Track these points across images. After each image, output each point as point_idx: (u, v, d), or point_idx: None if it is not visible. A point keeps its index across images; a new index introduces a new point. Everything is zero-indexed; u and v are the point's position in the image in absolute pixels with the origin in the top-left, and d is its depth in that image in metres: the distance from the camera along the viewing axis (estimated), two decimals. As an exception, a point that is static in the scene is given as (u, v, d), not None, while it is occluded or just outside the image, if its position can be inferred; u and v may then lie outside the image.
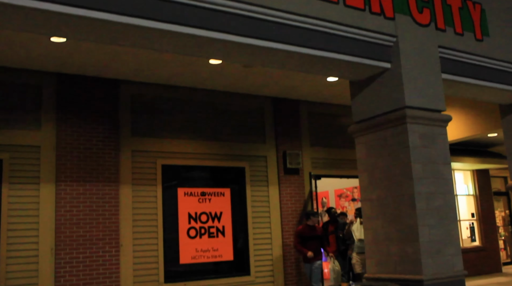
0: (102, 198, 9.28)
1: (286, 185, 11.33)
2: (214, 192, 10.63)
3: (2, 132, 8.79)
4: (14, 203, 8.71)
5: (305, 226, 10.08)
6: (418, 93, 7.80)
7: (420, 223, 7.37)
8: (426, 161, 7.68)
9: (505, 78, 9.33)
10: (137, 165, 9.84)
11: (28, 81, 9.14)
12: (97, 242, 9.10)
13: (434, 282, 7.25)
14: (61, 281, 8.73)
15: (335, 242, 10.89)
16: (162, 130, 10.22)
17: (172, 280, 9.80)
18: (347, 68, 7.95)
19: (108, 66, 9.15)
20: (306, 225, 10.07)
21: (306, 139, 11.91)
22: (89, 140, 9.35)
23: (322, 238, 10.18)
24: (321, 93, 11.41)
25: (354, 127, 8.48)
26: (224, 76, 9.97)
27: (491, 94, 9.85)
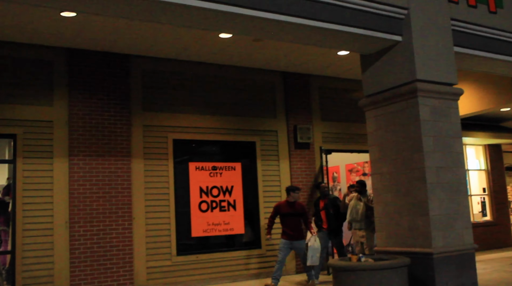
0: (114, 172, 9.38)
1: (297, 160, 11.37)
2: (225, 167, 10.70)
3: (15, 108, 8.88)
4: (28, 177, 8.84)
5: (285, 202, 9.49)
6: (429, 66, 7.75)
7: (430, 196, 7.40)
8: (437, 135, 7.67)
9: (519, 51, 9.23)
10: (149, 140, 9.92)
11: (40, 57, 9.19)
12: (110, 215, 9.23)
13: (443, 255, 7.30)
14: (76, 253, 8.89)
15: (327, 219, 10.14)
16: (173, 105, 10.26)
17: (184, 252, 9.95)
18: (358, 41, 7.91)
19: (119, 41, 9.16)
20: (286, 201, 9.45)
21: (317, 113, 11.90)
22: (100, 115, 9.42)
23: (303, 216, 9.46)
24: (332, 67, 11.35)
25: (365, 100, 8.47)
26: (234, 50, 9.94)
27: (504, 68, 9.75)
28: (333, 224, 10.06)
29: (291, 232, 9.22)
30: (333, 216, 10.09)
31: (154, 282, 9.52)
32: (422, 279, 7.28)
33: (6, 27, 8.28)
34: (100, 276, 9.00)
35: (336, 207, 10.22)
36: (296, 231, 9.28)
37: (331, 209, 10.12)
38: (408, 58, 7.73)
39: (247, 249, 10.51)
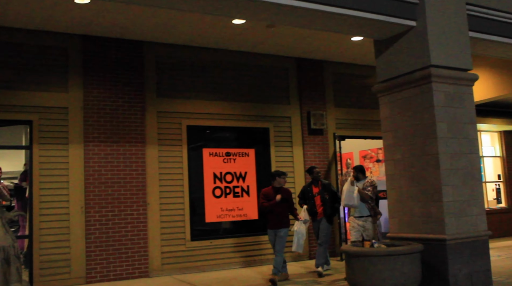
0: (129, 158, 9.47)
1: (311, 146, 11.38)
2: (239, 153, 10.74)
3: (30, 94, 8.97)
4: (44, 163, 8.95)
5: (271, 188, 8.91)
6: (443, 51, 7.69)
7: (444, 183, 7.38)
8: (451, 120, 7.63)
9: (536, 37, 9.09)
10: (163, 126, 9.98)
11: (55, 43, 9.26)
12: (125, 200, 9.33)
13: (457, 241, 7.29)
14: (91, 238, 9.02)
15: (321, 205, 9.40)
16: (186, 91, 10.29)
17: (198, 238, 10.04)
18: (372, 26, 7.86)
19: (133, 28, 9.19)
20: (272, 187, 8.89)
21: (331, 99, 11.87)
22: (115, 101, 9.48)
23: (289, 202, 8.93)
24: (345, 54, 11.29)
25: (378, 86, 8.43)
26: (247, 36, 9.92)
27: (521, 53, 9.63)
28: (329, 210, 9.39)
29: (276, 220, 8.68)
30: (329, 202, 9.43)
31: (169, 267, 9.63)
32: (435, 265, 7.29)
33: (21, 15, 8.35)
34: (116, 260, 9.12)
35: (331, 193, 9.53)
36: (283, 218, 8.75)
37: (326, 194, 9.46)
38: (422, 43, 7.68)
39: (260, 234, 10.57)
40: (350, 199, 8.78)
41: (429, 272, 7.31)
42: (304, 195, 9.66)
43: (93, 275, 8.94)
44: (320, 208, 9.37)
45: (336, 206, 9.58)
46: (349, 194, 8.78)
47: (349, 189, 8.79)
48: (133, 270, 9.23)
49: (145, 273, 9.32)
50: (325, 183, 9.62)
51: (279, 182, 8.87)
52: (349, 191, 8.80)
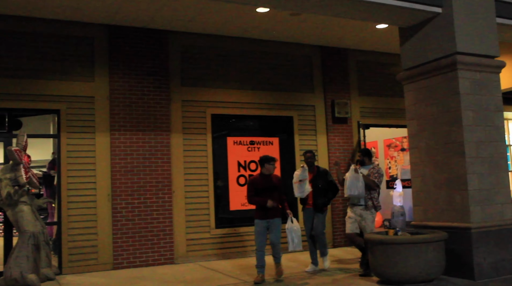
0: (154, 147, 9.58)
1: (334, 135, 11.35)
2: (263, 141, 10.78)
3: (58, 84, 9.12)
4: (72, 152, 9.12)
5: (259, 176, 7.93)
6: (470, 38, 7.61)
7: (469, 171, 7.33)
8: (477, 108, 7.57)
9: None
10: (188, 115, 10.06)
11: (81, 34, 9.38)
12: (151, 188, 9.46)
13: (482, 230, 7.25)
14: (118, 225, 9.18)
15: (313, 194, 8.43)
16: (211, 80, 10.35)
17: (222, 225, 10.14)
18: (397, 13, 7.81)
19: (158, 17, 9.25)
20: (261, 174, 7.91)
21: (355, 88, 11.81)
22: (140, 90, 9.59)
23: (280, 190, 7.94)
24: (370, 42, 11.21)
25: (403, 74, 8.39)
26: (272, 24, 9.91)
27: (550, 39, 9.46)
28: (319, 200, 8.39)
29: (268, 210, 7.68)
30: (321, 192, 8.43)
31: (194, 254, 9.75)
32: (459, 253, 7.26)
33: (49, 6, 8.47)
34: (142, 247, 9.27)
35: (327, 182, 8.50)
36: (276, 206, 7.80)
37: (321, 182, 8.45)
38: (448, 30, 7.60)
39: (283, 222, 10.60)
40: (354, 187, 7.79)
41: (454, 260, 7.29)
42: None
43: (120, 261, 9.11)
44: (311, 198, 8.46)
45: (329, 196, 8.53)
46: (352, 182, 7.79)
47: (353, 177, 7.82)
48: (158, 256, 9.38)
49: (170, 259, 9.46)
50: (321, 170, 8.67)
51: (268, 169, 7.84)
52: (353, 178, 7.81)
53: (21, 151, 8.22)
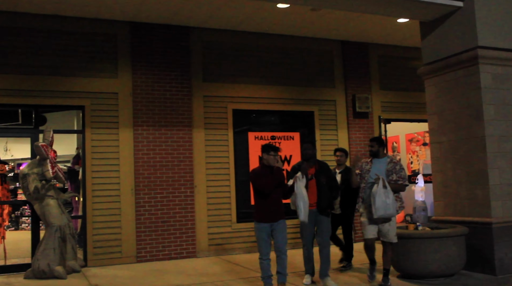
0: (176, 142, 9.72)
1: (356, 129, 11.36)
2: (284, 136, 10.84)
3: (82, 80, 9.30)
4: (96, 147, 9.30)
5: (260, 167, 6.67)
6: (491, 32, 7.57)
7: (491, 166, 7.32)
8: (499, 103, 7.53)
9: None
10: (209, 110, 10.17)
11: (104, 31, 9.54)
12: (173, 183, 9.61)
13: (503, 225, 7.24)
14: (141, 219, 9.34)
15: (318, 192, 7.03)
16: (232, 76, 10.44)
17: (244, 220, 10.22)
18: (417, 8, 7.80)
19: (179, 14, 9.36)
20: (262, 166, 6.61)
21: (376, 82, 11.79)
22: (162, 86, 9.73)
23: (282, 186, 6.62)
24: (391, 36, 11.16)
25: (424, 68, 8.37)
26: (292, 20, 9.95)
27: None
28: (325, 201, 7.02)
29: (273, 209, 6.49)
30: (326, 189, 7.08)
31: (215, 248, 9.88)
32: (480, 248, 7.26)
33: (72, 4, 8.63)
34: (164, 241, 9.43)
35: (330, 178, 7.23)
36: (280, 207, 6.58)
37: (324, 178, 7.11)
38: (469, 24, 7.57)
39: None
40: (386, 206, 6.50)
41: (474, 255, 7.29)
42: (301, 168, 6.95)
43: (143, 254, 9.28)
44: (314, 197, 6.99)
45: (333, 195, 7.37)
46: (382, 200, 6.51)
47: (382, 194, 6.50)
48: (181, 250, 9.53)
49: (192, 253, 9.60)
50: (322, 163, 7.32)
51: (268, 160, 6.45)
52: (383, 196, 6.51)
53: (48, 146, 8.42)
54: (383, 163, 6.90)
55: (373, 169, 6.89)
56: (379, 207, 6.51)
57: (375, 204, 6.53)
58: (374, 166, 6.91)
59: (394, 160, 6.93)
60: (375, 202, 6.53)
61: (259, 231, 6.52)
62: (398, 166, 6.85)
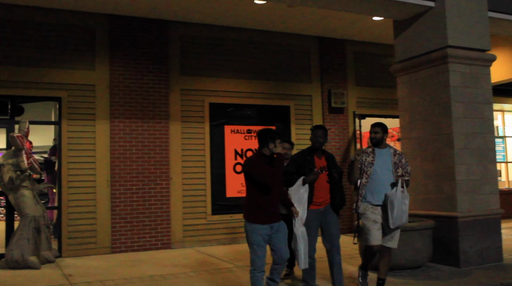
0: (153, 134, 9.80)
1: (331, 124, 11.53)
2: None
3: (59, 72, 9.31)
4: (72, 138, 9.33)
5: (257, 156, 5.37)
6: (461, 32, 7.78)
7: (458, 162, 7.54)
8: (467, 101, 7.75)
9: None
10: (186, 103, 10.26)
11: (83, 23, 9.55)
12: (149, 175, 9.69)
13: (468, 219, 7.47)
14: (116, 210, 9.41)
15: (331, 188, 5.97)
16: (210, 70, 10.53)
17: (218, 212, 10.37)
18: (390, 7, 7.98)
19: (158, 7, 9.41)
20: (261, 155, 5.31)
21: (352, 78, 11.98)
22: (140, 79, 9.78)
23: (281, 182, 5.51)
24: (367, 33, 11.34)
25: (396, 66, 8.57)
26: (269, 15, 10.06)
27: (543, 33, 9.60)
28: (340, 198, 5.99)
29: (272, 209, 5.32)
30: (340, 185, 6.08)
31: (190, 239, 10.00)
32: (446, 241, 7.49)
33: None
34: (139, 232, 9.52)
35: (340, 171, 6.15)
36: (277, 205, 5.43)
37: (335, 172, 6.01)
38: (440, 24, 7.77)
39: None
40: (403, 214, 5.70)
41: (440, 248, 7.52)
42: (301, 169, 5.90)
43: (118, 245, 9.37)
44: (323, 194, 5.95)
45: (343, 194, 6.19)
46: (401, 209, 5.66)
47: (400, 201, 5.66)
48: (156, 241, 9.63)
49: (167, 244, 9.71)
50: (330, 155, 6.21)
51: (271, 149, 5.24)
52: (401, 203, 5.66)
53: (23, 137, 8.44)
54: (387, 154, 5.92)
55: (377, 161, 5.84)
56: (398, 217, 5.66)
57: (393, 213, 5.64)
58: (378, 158, 5.84)
59: (398, 151, 5.99)
60: (394, 210, 5.64)
61: (255, 235, 5.20)
62: (404, 159, 5.95)
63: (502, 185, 14.48)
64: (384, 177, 5.86)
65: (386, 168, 5.84)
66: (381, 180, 5.83)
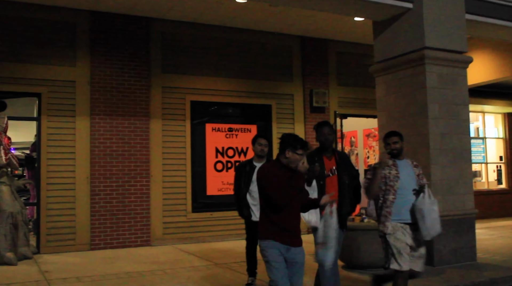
0: (133, 131, 9.79)
1: (312, 123, 11.53)
2: (241, 128, 11.01)
3: (39, 68, 9.28)
4: (52, 134, 9.30)
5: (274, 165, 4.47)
6: (438, 33, 7.86)
7: (433, 162, 7.63)
8: (443, 102, 7.84)
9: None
10: (167, 101, 10.27)
11: (64, 19, 9.53)
12: (129, 172, 9.69)
13: (443, 218, 7.47)
14: (96, 207, 9.40)
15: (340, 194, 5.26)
16: (191, 68, 10.54)
17: (199, 210, 10.39)
18: (369, 8, 8.04)
19: (140, 4, 9.40)
20: (277, 164, 4.44)
21: (334, 78, 12.05)
22: (121, 76, 9.78)
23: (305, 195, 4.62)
24: (349, 33, 11.41)
25: (375, 66, 8.64)
26: (252, 14, 10.09)
27: (521, 36, 9.73)
28: (347, 206, 5.32)
29: (290, 229, 4.36)
30: (350, 191, 5.38)
31: (170, 237, 10.02)
32: (421, 240, 7.55)
33: (30, -10, 8.62)
34: (119, 229, 9.51)
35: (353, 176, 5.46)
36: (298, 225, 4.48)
37: (346, 175, 5.35)
38: (418, 25, 7.85)
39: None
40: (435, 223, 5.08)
41: (415, 247, 7.58)
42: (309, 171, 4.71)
43: (97, 242, 9.36)
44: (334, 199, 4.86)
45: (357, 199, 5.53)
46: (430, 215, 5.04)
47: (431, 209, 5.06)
48: (135, 238, 9.63)
49: (147, 242, 9.72)
50: (342, 154, 5.63)
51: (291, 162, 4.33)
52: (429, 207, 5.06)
53: (1, 133, 8.40)
54: (408, 166, 5.35)
55: (401, 174, 5.22)
56: (431, 226, 5.02)
57: (426, 223, 5.00)
58: (402, 171, 5.24)
59: (414, 161, 5.52)
60: (425, 219, 5.00)
61: (270, 250, 4.32)
62: (421, 170, 5.49)
63: (482, 186, 14.66)
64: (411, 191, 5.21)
65: (411, 181, 5.22)
66: (409, 195, 5.17)
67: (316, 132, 5.43)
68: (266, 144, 6.47)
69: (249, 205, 6.47)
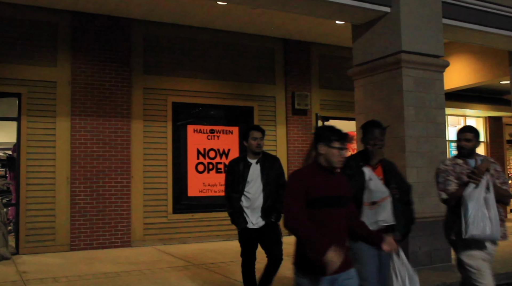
0: (114, 133, 9.80)
1: (294, 126, 11.67)
2: (223, 130, 11.05)
3: (20, 68, 9.27)
4: (32, 135, 9.29)
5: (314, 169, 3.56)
6: (415, 37, 7.96)
7: (409, 165, 7.72)
8: (420, 105, 7.93)
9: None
10: (149, 102, 10.29)
11: (45, 19, 9.52)
12: (110, 173, 9.70)
13: (418, 220, 7.53)
14: (76, 208, 9.40)
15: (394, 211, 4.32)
16: (173, 69, 10.57)
17: (180, 211, 10.42)
18: (347, 11, 8.12)
19: (121, 5, 9.42)
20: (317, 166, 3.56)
21: (316, 81, 12.13)
22: (102, 77, 9.78)
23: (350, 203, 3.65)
24: (331, 36, 11.50)
25: (354, 69, 8.73)
26: (234, 16, 10.14)
27: (498, 41, 9.88)
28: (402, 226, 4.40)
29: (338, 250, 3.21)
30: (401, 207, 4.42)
31: (150, 238, 10.03)
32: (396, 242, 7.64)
33: (10, -10, 8.61)
34: (99, 230, 9.52)
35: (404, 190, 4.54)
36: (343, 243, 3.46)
37: (396, 189, 4.42)
38: (395, 29, 7.94)
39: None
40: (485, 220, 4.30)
41: (391, 248, 7.66)
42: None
43: (77, 243, 9.35)
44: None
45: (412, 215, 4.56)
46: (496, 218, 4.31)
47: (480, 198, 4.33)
48: (115, 239, 9.64)
49: (127, 242, 9.73)
50: (388, 163, 4.65)
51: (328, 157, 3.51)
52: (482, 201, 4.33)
53: (-20, 133, 8.39)
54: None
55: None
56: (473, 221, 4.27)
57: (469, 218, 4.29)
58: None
59: (489, 158, 4.71)
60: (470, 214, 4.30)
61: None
62: (498, 167, 4.64)
63: (463, 188, 14.76)
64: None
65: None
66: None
67: (364, 133, 4.49)
68: (261, 137, 5.49)
69: (243, 209, 5.50)
